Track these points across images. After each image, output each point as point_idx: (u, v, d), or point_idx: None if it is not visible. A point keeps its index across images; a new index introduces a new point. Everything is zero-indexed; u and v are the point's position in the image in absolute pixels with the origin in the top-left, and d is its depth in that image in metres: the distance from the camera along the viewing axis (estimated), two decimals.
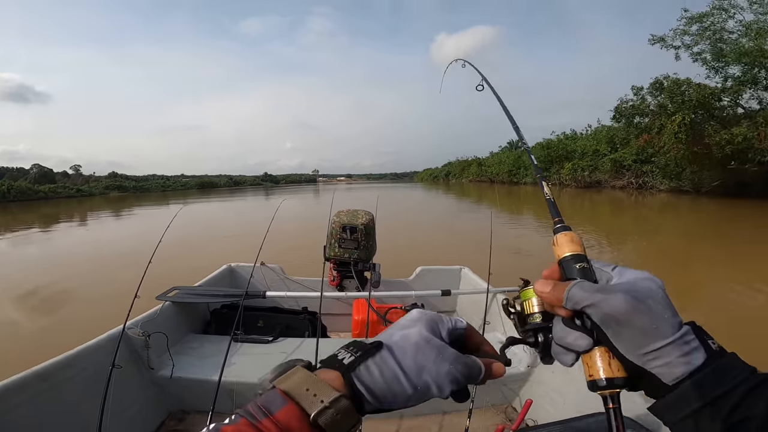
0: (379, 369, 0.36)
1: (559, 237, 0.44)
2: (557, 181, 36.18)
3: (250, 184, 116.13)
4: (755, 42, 16.88)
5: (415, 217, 15.05)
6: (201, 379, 1.92)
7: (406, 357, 0.37)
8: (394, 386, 0.36)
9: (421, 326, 0.39)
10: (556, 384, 1.94)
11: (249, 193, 52.25)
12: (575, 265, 0.41)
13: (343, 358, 0.37)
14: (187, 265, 5.90)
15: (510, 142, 63.93)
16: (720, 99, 18.11)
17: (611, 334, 0.36)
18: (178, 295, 2.50)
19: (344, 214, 2.82)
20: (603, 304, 0.35)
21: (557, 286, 0.39)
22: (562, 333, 0.39)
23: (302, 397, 0.33)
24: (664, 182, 22.90)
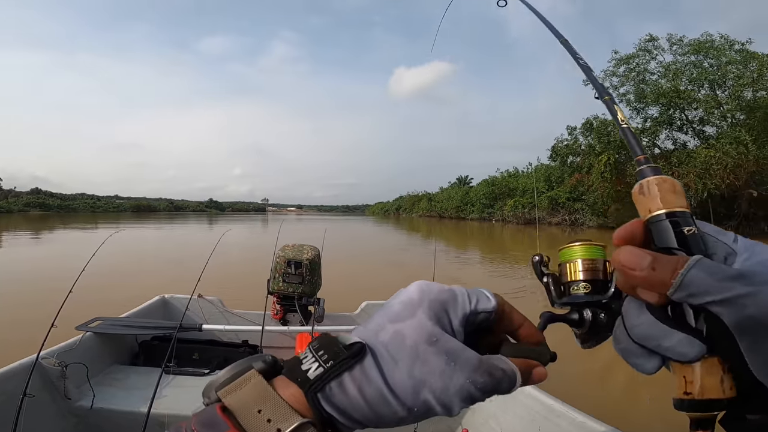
0: (358, 387, 0.26)
1: (649, 183, 0.30)
2: (500, 217, 38.27)
3: (192, 210, 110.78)
4: (672, 83, 19.05)
5: (363, 250, 15.11)
6: (126, 410, 1.88)
7: (398, 368, 0.26)
8: (379, 408, 0.26)
9: (422, 316, 0.27)
10: (493, 411, 1.97)
11: (191, 219, 49.67)
12: (680, 229, 0.28)
13: (308, 368, 0.26)
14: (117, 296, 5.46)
15: (459, 178, 66.99)
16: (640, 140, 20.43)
17: (746, 346, 0.24)
18: (101, 326, 2.39)
19: (289, 248, 2.83)
20: (749, 302, 0.24)
21: (661, 263, 0.26)
22: (650, 329, 0.27)
23: (250, 421, 0.25)
24: (593, 219, 25.03)
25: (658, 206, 0.29)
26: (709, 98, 18.59)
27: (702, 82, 18.83)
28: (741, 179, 15.75)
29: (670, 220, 0.28)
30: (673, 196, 0.29)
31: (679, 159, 18.12)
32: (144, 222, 36.67)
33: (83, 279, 2.21)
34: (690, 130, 20.60)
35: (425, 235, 25.05)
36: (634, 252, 0.26)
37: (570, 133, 22.69)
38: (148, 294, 3.15)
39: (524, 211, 32.99)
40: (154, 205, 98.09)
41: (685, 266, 0.25)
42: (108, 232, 3.35)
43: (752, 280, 0.24)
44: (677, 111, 19.92)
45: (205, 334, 2.63)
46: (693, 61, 19.23)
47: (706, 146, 17.58)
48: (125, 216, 56.07)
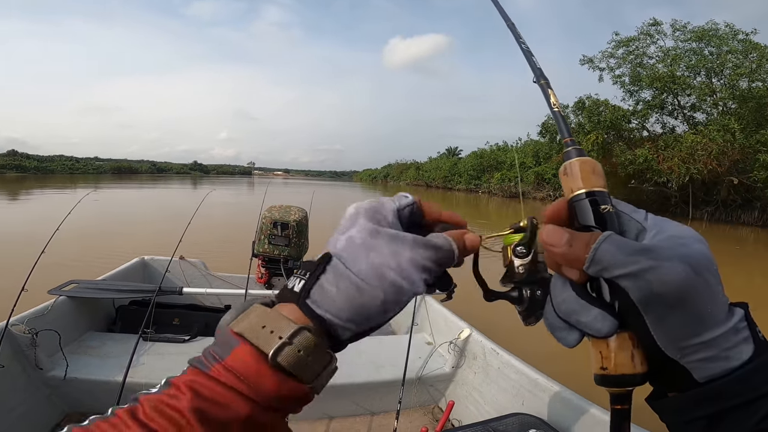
0: (335, 285, 0.29)
1: (572, 164, 0.32)
2: (486, 189, 38.49)
3: (176, 172, 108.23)
4: (669, 68, 18.99)
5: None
6: (101, 380, 1.80)
7: (359, 261, 0.30)
8: (358, 299, 0.29)
9: (362, 221, 0.32)
10: (477, 384, 2.00)
11: (174, 181, 48.51)
12: (598, 207, 0.29)
13: (293, 285, 0.30)
14: (94, 258, 5.30)
15: (448, 148, 66.60)
16: (629, 121, 20.43)
17: (652, 319, 0.26)
18: (76, 289, 2.26)
19: (276, 209, 2.73)
20: (651, 276, 0.25)
21: (576, 239, 0.28)
22: (570, 305, 0.28)
23: (257, 335, 0.28)
24: None
25: (579, 186, 0.30)
26: (703, 85, 18.55)
27: (699, 69, 18.70)
28: (724, 166, 15.98)
29: (589, 199, 0.30)
30: (593, 176, 0.31)
31: (665, 143, 18.25)
32: (124, 183, 35.63)
33: (58, 241, 2.09)
34: (680, 115, 20.67)
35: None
36: (555, 230, 0.29)
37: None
38: (127, 256, 3.03)
39: (510, 185, 33.22)
40: (136, 167, 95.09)
41: (597, 241, 0.26)
42: (86, 192, 3.19)
43: (656, 254, 0.25)
44: (670, 96, 19.93)
45: (186, 298, 2.54)
46: (693, 48, 19.02)
47: (694, 132, 17.73)
48: (105, 178, 54.27)
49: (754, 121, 16.47)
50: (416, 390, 2.06)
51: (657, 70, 19.43)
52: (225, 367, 0.27)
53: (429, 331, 2.54)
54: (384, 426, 1.97)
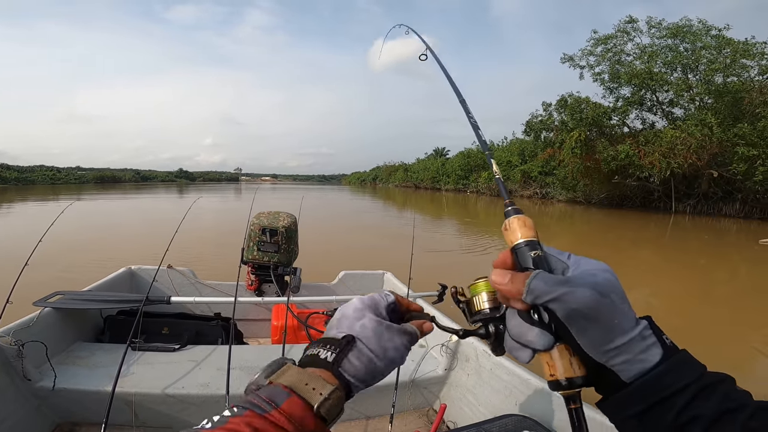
0: (358, 359, 0.41)
1: (511, 221, 0.41)
2: (474, 189, 38.75)
3: (161, 180, 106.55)
4: (646, 65, 19.36)
5: (342, 220, 15.02)
6: (91, 390, 1.79)
7: (372, 343, 0.42)
8: (371, 369, 0.42)
9: (369, 313, 0.45)
10: (470, 386, 2.01)
11: (160, 189, 47.78)
12: (530, 253, 0.38)
13: (326, 356, 0.41)
14: (79, 269, 5.21)
15: (435, 149, 66.82)
16: (610, 118, 20.77)
17: (575, 331, 0.34)
18: (61, 300, 2.24)
19: (264, 216, 2.71)
20: (568, 299, 0.34)
21: (515, 277, 0.37)
22: (519, 329, 0.37)
23: (304, 390, 0.37)
24: (563, 193, 25.72)
25: (517, 237, 0.40)
26: (680, 81, 18.96)
27: (676, 65, 19.13)
28: (703, 159, 16.34)
29: (524, 247, 0.39)
30: (526, 229, 0.40)
31: (646, 138, 18.60)
32: (108, 193, 34.97)
33: (42, 252, 2.06)
34: (659, 111, 21.08)
35: (401, 205, 25.15)
36: (500, 272, 0.39)
37: (545, 109, 22.86)
38: (114, 266, 2.99)
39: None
40: (119, 176, 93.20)
41: (529, 278, 0.36)
42: (68, 203, 3.14)
43: (571, 283, 0.34)
44: (648, 92, 20.32)
45: (175, 307, 2.51)
46: (669, 45, 19.45)
47: (673, 127, 18.11)
48: (88, 187, 53.02)
49: (730, 115, 16.89)
50: (410, 393, 2.06)
51: (635, 66, 19.82)
52: (280, 413, 0.35)
53: None
54: (379, 430, 1.97)
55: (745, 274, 7.63)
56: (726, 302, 5.59)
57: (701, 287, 6.38)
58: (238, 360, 2.02)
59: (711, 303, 5.54)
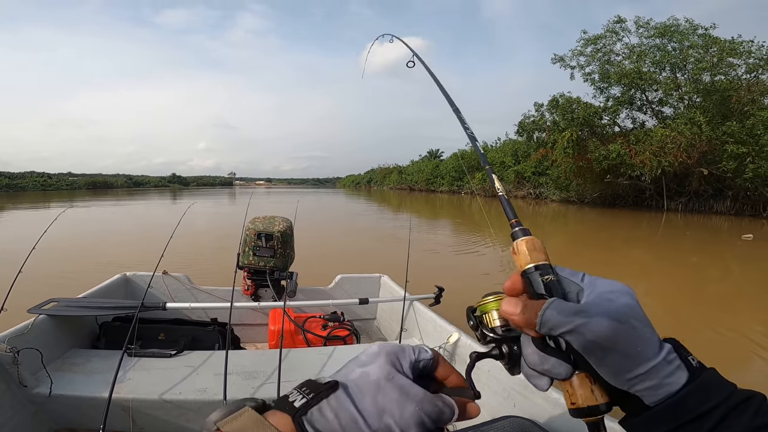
0: (334, 412, 0.32)
1: (519, 244, 0.39)
2: (469, 190, 38.92)
3: (154, 186, 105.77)
4: (635, 64, 19.60)
5: (337, 223, 15.01)
6: (87, 396, 1.79)
7: (365, 398, 0.33)
8: (351, 431, 0.32)
9: (381, 361, 0.35)
10: None
11: (153, 195, 47.49)
12: (542, 279, 0.36)
13: (294, 400, 0.33)
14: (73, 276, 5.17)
15: (429, 151, 67.10)
16: (601, 117, 20.97)
17: (594, 362, 0.33)
18: (56, 307, 2.24)
19: (260, 220, 2.73)
20: (584, 330, 0.32)
21: (527, 307, 0.35)
22: (535, 358, 0.35)
23: None
24: (556, 193, 25.92)
25: (527, 261, 0.38)
26: (668, 80, 19.23)
27: (664, 64, 19.38)
28: (693, 158, 16.57)
29: (536, 272, 0.37)
30: (536, 252, 0.38)
31: (636, 137, 18.79)
32: (101, 199, 34.67)
33: (36, 259, 2.06)
34: (649, 110, 21.35)
35: (396, 207, 25.18)
36: (511, 301, 0.36)
37: (537, 109, 23.06)
38: (109, 273, 2.99)
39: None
40: (111, 182, 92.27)
41: (542, 308, 0.34)
42: (60, 209, 3.13)
43: (586, 313, 0.32)
44: (638, 91, 20.56)
45: (171, 312, 2.52)
46: (657, 44, 19.71)
47: (662, 126, 18.32)
48: (80, 193, 52.41)
49: (719, 113, 17.11)
50: None
51: (624, 66, 20.04)
52: None
53: (419, 336, 2.55)
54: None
55: (738, 272, 7.74)
56: (717, 300, 5.67)
57: (693, 285, 6.46)
58: (235, 365, 2.02)
59: (702, 300, 5.62)
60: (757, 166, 14.94)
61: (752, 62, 17.24)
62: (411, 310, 2.69)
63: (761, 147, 14.79)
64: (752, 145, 15.23)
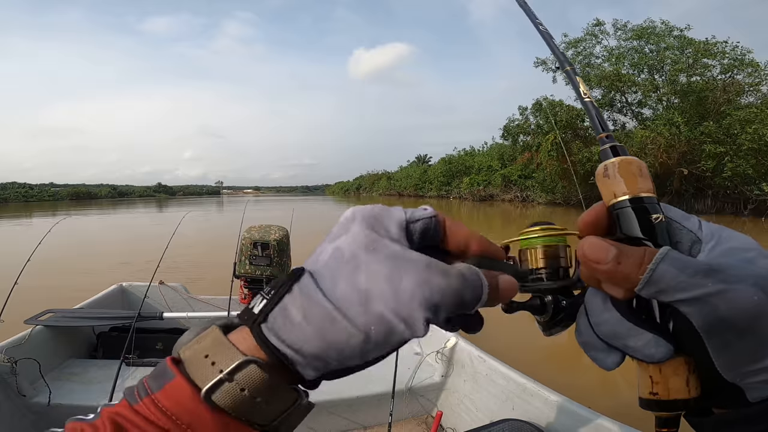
0: (302, 311, 0.23)
1: (614, 165, 0.28)
2: (457, 194, 39.23)
3: (139, 196, 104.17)
4: (614, 67, 20.05)
5: (329, 228, 14.96)
6: (85, 405, 1.81)
7: (340, 282, 0.23)
8: (330, 333, 0.23)
9: (356, 227, 0.25)
10: (467, 392, 1.99)
11: (139, 205, 46.74)
12: (647, 216, 0.26)
13: (253, 305, 0.25)
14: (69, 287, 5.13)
15: (418, 156, 67.63)
16: (583, 120, 21.38)
17: (717, 345, 0.23)
18: (53, 318, 2.27)
19: (255, 229, 2.77)
20: (719, 301, 0.22)
21: (626, 256, 0.24)
22: (615, 327, 0.25)
23: (197, 366, 0.23)
24: (542, 195, 26.30)
25: (623, 191, 0.27)
26: (647, 82, 19.75)
27: (642, 66, 19.91)
28: (673, 158, 17.00)
29: (634, 206, 0.26)
30: (639, 179, 0.27)
31: (618, 139, 19.19)
32: (86, 209, 34.02)
33: (30, 271, 2.08)
34: (629, 112, 21.90)
35: None
36: (599, 244, 0.25)
37: (522, 113, 23.46)
38: (104, 283, 3.00)
39: (479, 188, 34.02)
40: (95, 192, 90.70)
41: (654, 260, 0.23)
42: (45, 221, 3.14)
43: (725, 277, 0.22)
44: (618, 94, 21.04)
45: (168, 322, 2.55)
46: (635, 47, 20.25)
47: (642, 127, 18.78)
48: (63, 204, 51.31)
49: (696, 113, 17.61)
50: (407, 401, 2.05)
51: (604, 69, 20.52)
52: (154, 402, 0.23)
53: (416, 341, 2.51)
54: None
55: None
56: None
57: None
58: None
59: None
60: (735, 165, 15.36)
61: (727, 62, 17.76)
62: None
63: (738, 146, 15.25)
64: (730, 145, 15.67)
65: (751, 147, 14.46)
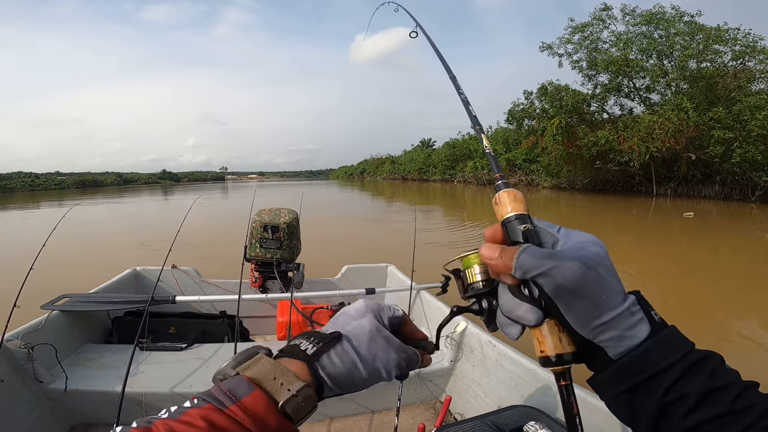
0: (340, 358, 0.39)
1: (501, 195, 0.40)
2: (461, 178, 39.00)
3: (144, 183, 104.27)
4: (622, 52, 19.62)
5: (340, 215, 15.00)
6: (102, 390, 1.81)
7: (362, 346, 0.40)
8: (352, 373, 0.39)
9: (370, 316, 0.43)
10: (476, 377, 1.98)
11: (144, 192, 46.84)
12: (520, 227, 0.37)
13: (306, 348, 0.39)
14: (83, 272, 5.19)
15: (422, 141, 66.95)
16: (589, 104, 21.04)
17: (563, 306, 0.33)
18: (69, 303, 2.28)
19: (266, 213, 2.76)
20: (555, 273, 0.32)
21: (505, 252, 0.36)
22: (510, 304, 0.36)
23: (269, 385, 0.35)
24: (547, 180, 26.10)
25: (507, 211, 0.39)
26: (655, 67, 19.29)
27: (651, 52, 19.44)
28: (681, 143, 16.72)
29: (515, 220, 0.38)
30: (516, 203, 0.39)
31: (625, 124, 18.89)
32: (93, 197, 34.11)
33: (44, 257, 2.09)
34: (637, 97, 21.42)
35: (389, 197, 25.20)
36: (490, 247, 0.37)
37: (527, 97, 23.07)
38: (118, 268, 3.02)
39: (483, 172, 33.79)
40: (101, 180, 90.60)
41: (517, 252, 0.35)
42: (53, 210, 3.16)
43: (558, 257, 0.33)
44: (625, 79, 20.61)
45: (180, 306, 2.57)
46: (644, 32, 19.74)
47: (650, 112, 18.44)
48: (69, 193, 51.25)
49: (705, 99, 17.28)
50: (415, 386, 2.05)
51: (611, 54, 20.04)
52: (240, 408, 0.32)
53: (425, 325, 2.56)
54: (385, 423, 1.97)
55: (724, 256, 7.95)
56: (706, 282, 5.85)
57: (681, 266, 6.64)
58: None
59: (691, 282, 5.79)
60: (744, 150, 15.15)
61: (738, 49, 17.37)
62: (418, 299, 2.70)
63: (748, 132, 14.99)
64: (739, 131, 15.41)
65: (760, 133, 14.22)
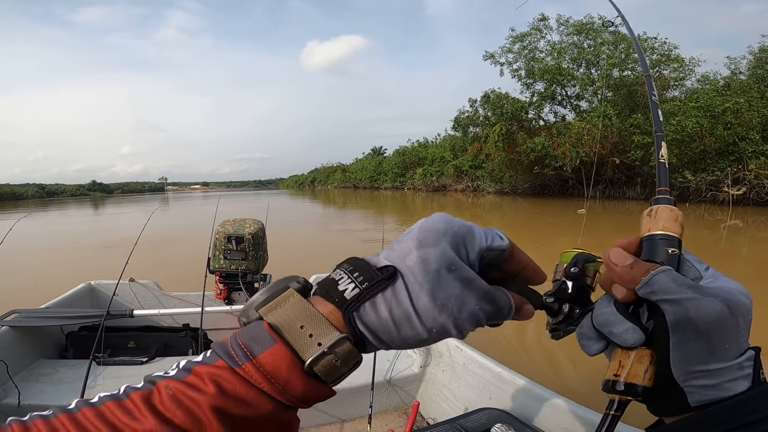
0: (389, 308, 0.28)
1: (660, 209, 0.36)
2: (411, 186, 39.83)
3: (71, 195, 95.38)
4: (556, 61, 20.99)
5: (299, 224, 14.78)
6: (57, 405, 1.77)
7: (423, 292, 0.28)
8: (404, 329, 0.28)
9: (444, 245, 0.29)
10: (446, 382, 2.00)
11: (70, 205, 42.89)
12: (666, 248, 0.34)
13: (345, 289, 0.29)
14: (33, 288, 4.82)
15: (373, 148, 67.57)
16: (527, 112, 22.31)
17: (676, 341, 0.29)
18: (18, 318, 2.21)
19: (230, 223, 2.74)
20: (691, 305, 0.29)
21: (638, 265, 0.32)
22: (609, 317, 0.32)
23: (295, 336, 0.28)
24: (492, 185, 27.41)
25: (658, 227, 0.35)
26: (584, 76, 20.89)
27: (580, 61, 21.00)
28: (606, 149, 18.14)
29: (662, 239, 0.34)
30: (673, 223, 0.35)
31: (558, 130, 20.17)
32: (9, 212, 30.69)
33: None
34: (568, 104, 23.06)
35: (341, 205, 25.16)
36: (622, 254, 0.33)
37: (471, 105, 24.14)
38: (71, 282, 2.88)
39: (432, 179, 34.78)
40: (21, 192, 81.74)
41: (656, 270, 0.31)
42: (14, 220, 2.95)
43: (702, 291, 0.29)
44: (559, 87, 22.09)
45: (140, 320, 2.50)
46: (575, 42, 21.28)
47: (579, 119, 19.86)
48: None
49: (627, 106, 18.90)
50: (387, 392, 2.05)
51: (546, 63, 21.40)
52: (256, 367, 0.26)
53: None
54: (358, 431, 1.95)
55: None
56: None
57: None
58: None
59: None
60: None
61: (655, 58, 19.11)
62: None
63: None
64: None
65: (674, 138, 15.46)
